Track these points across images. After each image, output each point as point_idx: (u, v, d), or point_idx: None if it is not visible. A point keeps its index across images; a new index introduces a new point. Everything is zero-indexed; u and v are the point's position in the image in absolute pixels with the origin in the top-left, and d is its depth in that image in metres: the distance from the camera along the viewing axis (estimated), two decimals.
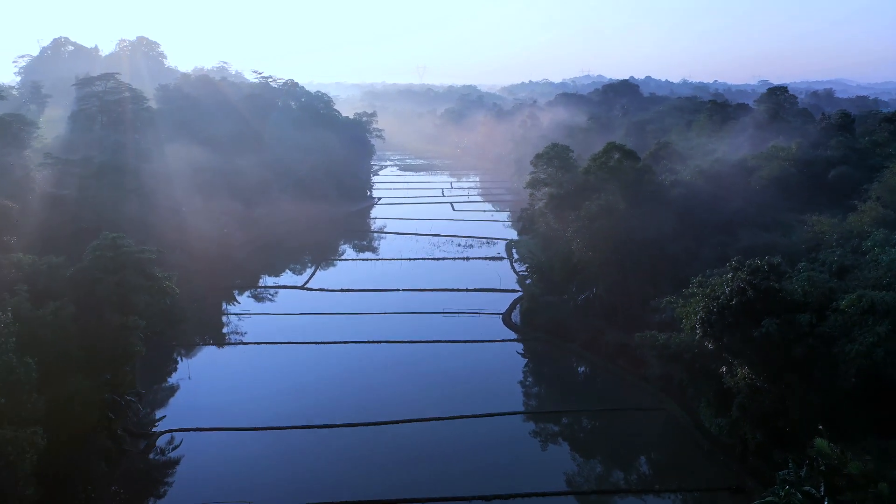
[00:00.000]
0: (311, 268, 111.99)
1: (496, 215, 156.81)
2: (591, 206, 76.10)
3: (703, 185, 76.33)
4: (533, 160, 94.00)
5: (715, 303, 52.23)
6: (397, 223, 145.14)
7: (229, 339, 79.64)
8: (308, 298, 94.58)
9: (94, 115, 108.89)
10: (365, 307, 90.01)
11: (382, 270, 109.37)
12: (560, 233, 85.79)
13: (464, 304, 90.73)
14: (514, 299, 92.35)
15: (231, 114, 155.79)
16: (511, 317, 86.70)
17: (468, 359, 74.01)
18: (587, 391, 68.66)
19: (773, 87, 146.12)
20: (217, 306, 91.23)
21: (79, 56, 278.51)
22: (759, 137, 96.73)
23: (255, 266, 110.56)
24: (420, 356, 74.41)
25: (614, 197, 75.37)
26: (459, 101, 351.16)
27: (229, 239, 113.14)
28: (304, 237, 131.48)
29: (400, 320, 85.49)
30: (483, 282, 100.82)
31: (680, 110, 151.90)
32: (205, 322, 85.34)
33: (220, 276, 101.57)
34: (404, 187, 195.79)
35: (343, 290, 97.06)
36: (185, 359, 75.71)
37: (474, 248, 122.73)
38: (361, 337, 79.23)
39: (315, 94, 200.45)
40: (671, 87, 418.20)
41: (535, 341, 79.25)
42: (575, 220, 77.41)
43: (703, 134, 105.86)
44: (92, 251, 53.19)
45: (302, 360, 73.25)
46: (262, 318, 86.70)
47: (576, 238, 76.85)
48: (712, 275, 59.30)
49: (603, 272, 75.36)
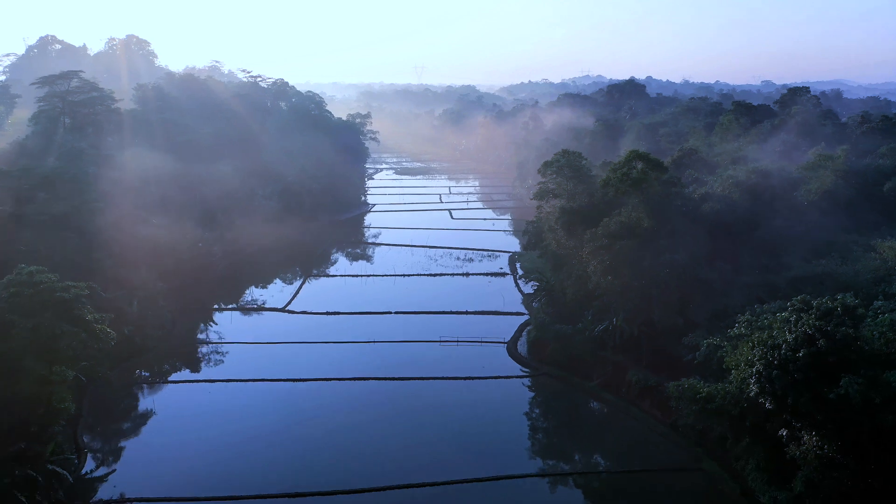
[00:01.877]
0: (297, 281, 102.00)
1: (497, 223, 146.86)
2: (610, 224, 66.18)
3: (739, 199, 66.37)
4: (540, 168, 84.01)
5: (775, 353, 42.30)
6: (392, 233, 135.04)
7: (196, 377, 69.38)
8: (289, 323, 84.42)
9: (56, 118, 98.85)
10: (352, 334, 79.95)
11: (374, 288, 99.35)
12: (573, 251, 75.87)
13: (464, 330, 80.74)
14: (521, 324, 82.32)
15: (215, 116, 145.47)
16: (517, 346, 76.68)
17: (469, 401, 63.98)
18: (608, 444, 58.47)
19: (793, 88, 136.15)
20: (187, 332, 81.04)
21: (66, 55, 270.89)
22: (792, 143, 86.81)
23: (233, 283, 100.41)
24: (413, 397, 64.41)
25: (637, 213, 65.40)
26: (458, 101, 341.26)
27: (206, 253, 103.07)
28: (289, 249, 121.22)
29: (392, 351, 75.44)
30: (485, 302, 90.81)
31: (694, 112, 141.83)
32: (171, 352, 75.21)
33: (193, 295, 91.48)
34: (400, 193, 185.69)
35: (328, 314, 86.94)
36: (147, 396, 65.62)
37: (474, 261, 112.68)
38: (347, 371, 69.22)
39: (306, 95, 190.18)
40: (675, 88, 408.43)
41: (545, 378, 69.23)
42: (591, 239, 67.44)
43: (728, 138, 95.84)
44: (4, 289, 43.06)
45: (277, 403, 63.08)
46: (236, 349, 76.50)
47: (592, 259, 66.90)
48: (763, 312, 49.37)
49: (624, 299, 65.38)
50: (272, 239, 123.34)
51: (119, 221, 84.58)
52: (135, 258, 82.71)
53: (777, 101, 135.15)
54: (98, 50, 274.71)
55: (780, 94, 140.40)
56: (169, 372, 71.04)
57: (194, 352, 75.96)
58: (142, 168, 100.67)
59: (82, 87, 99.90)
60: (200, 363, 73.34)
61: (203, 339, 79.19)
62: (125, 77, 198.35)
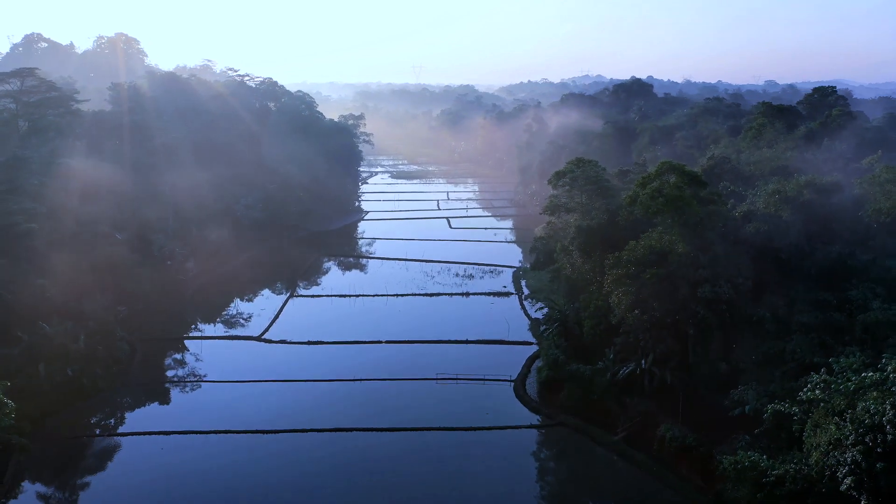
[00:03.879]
0: (278, 300, 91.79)
1: (499, 233, 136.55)
2: (637, 248, 55.97)
3: (790, 218, 56.11)
4: (551, 179, 73.87)
5: (877, 436, 32.05)
6: (385, 245, 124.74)
7: (148, 426, 58.74)
8: (265, 355, 74.06)
9: (9, 121, 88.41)
10: (336, 368, 69.70)
11: (364, 310, 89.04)
12: (590, 276, 65.70)
13: (464, 364, 70.57)
14: (529, 357, 72.07)
15: (196, 118, 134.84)
16: (525, 385, 66.40)
17: (468, 462, 53.51)
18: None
19: (819, 88, 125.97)
20: (147, 367, 70.60)
21: (52, 53, 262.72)
22: (836, 150, 76.54)
23: (206, 305, 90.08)
24: (402, 457, 54.07)
25: (670, 235, 55.20)
26: (456, 101, 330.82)
27: (177, 270, 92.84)
28: (272, 263, 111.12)
29: (380, 392, 65.23)
30: (487, 328, 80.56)
31: (711, 113, 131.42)
32: (124, 395, 64.80)
33: (159, 321, 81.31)
34: (395, 198, 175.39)
35: (310, 343, 76.60)
36: (88, 454, 55.21)
37: (475, 278, 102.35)
38: (325, 419, 59.07)
39: (297, 95, 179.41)
40: (678, 88, 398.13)
41: (560, 429, 58.89)
42: (614, 265, 57.23)
43: (760, 144, 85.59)
44: None
45: (239, 466, 52.61)
46: (201, 389, 66.21)
47: (615, 289, 56.67)
48: (843, 370, 39.15)
49: (655, 338, 55.15)
50: (254, 252, 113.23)
51: (69, 239, 74.41)
52: (87, 282, 72.54)
53: (802, 102, 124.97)
54: (86, 48, 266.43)
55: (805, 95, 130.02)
56: (119, 421, 60.59)
57: (152, 393, 65.51)
58: (103, 176, 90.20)
59: (39, 86, 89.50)
60: (158, 407, 63.06)
61: (163, 379, 68.68)
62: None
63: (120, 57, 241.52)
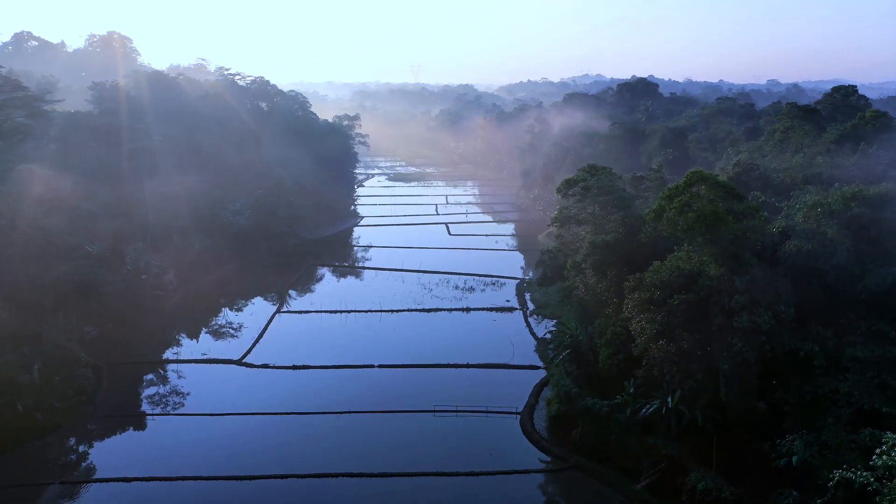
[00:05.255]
0: (263, 315, 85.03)
1: (500, 240, 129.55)
2: (662, 269, 49.18)
3: (835, 235, 49.28)
4: (561, 187, 67.07)
5: None
6: (381, 253, 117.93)
7: (108, 472, 51.94)
8: (245, 383, 67.16)
9: None
10: (322, 399, 62.92)
11: (356, 327, 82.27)
12: (606, 298, 58.88)
13: (464, 392, 64.06)
14: (536, 384, 65.38)
15: (182, 119, 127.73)
16: (533, 419, 59.63)
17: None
18: None
19: (838, 87, 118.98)
20: (114, 397, 63.75)
21: (43, 52, 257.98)
22: (876, 155, 69.68)
23: (183, 322, 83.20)
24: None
25: (701, 255, 48.39)
26: (456, 101, 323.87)
27: (154, 284, 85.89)
28: (260, 274, 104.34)
29: (372, 426, 58.47)
30: (490, 349, 73.89)
31: (725, 114, 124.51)
32: (83, 433, 57.92)
33: (129, 342, 74.58)
34: (392, 202, 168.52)
35: (295, 368, 69.79)
36: (39, 499, 48.52)
37: (476, 291, 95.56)
38: (310, 462, 52.42)
39: (290, 95, 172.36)
40: (681, 87, 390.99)
41: (572, 472, 52.12)
42: (635, 288, 50.41)
43: (786, 149, 78.74)
44: None
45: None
46: (172, 424, 59.38)
47: (637, 315, 49.85)
48: None
49: (683, 372, 48.31)
50: (240, 262, 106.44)
51: (35, 253, 67.28)
52: (49, 302, 65.68)
53: (821, 103, 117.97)
54: (77, 47, 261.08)
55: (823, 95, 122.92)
56: (75, 464, 53.71)
57: (117, 429, 58.59)
58: (75, 183, 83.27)
59: (3, 85, 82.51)
60: (122, 445, 56.21)
61: (131, 411, 61.73)
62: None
63: (119, 55, 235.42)
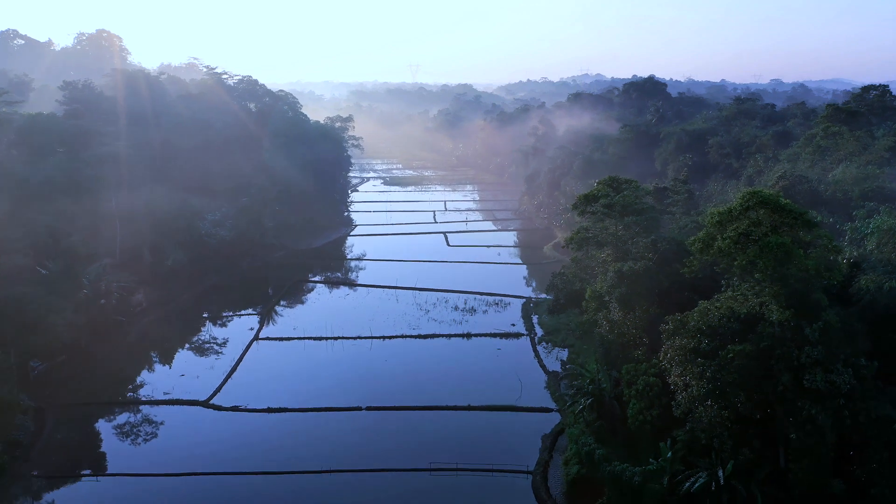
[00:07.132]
0: (240, 340, 75.83)
1: (503, 252, 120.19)
2: (711, 312, 39.95)
3: None
4: (577, 202, 58.03)
5: None
6: (374, 267, 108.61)
7: None
8: (210, 428, 57.94)
9: None
10: (300, 453, 53.78)
11: (343, 356, 73.12)
12: (635, 338, 49.66)
13: (466, 441, 55.65)
14: (549, 433, 56.15)
15: (161, 121, 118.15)
16: (547, 480, 50.40)
17: None
18: None
19: (869, 86, 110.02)
20: (56, 450, 54.47)
21: (29, 50, 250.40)
22: None
23: (148, 351, 73.85)
24: None
25: (761, 297, 39.17)
26: (454, 101, 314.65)
27: (115, 309, 76.49)
28: (238, 293, 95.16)
29: (357, 489, 49.26)
30: (495, 386, 64.89)
31: (747, 116, 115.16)
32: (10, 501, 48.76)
33: (83, 375, 65.36)
34: (387, 209, 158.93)
35: (270, 411, 60.49)
36: None
37: (477, 312, 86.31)
38: None
39: (279, 95, 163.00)
40: (686, 87, 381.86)
41: None
42: (675, 331, 41.21)
43: (829, 156, 69.58)
44: None
45: None
46: (118, 487, 50.08)
47: (679, 368, 40.66)
48: None
49: (737, 438, 39.12)
50: (218, 279, 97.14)
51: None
52: None
53: (849, 104, 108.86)
54: (65, 46, 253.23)
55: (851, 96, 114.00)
56: None
57: (52, 490, 49.32)
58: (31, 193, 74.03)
59: None
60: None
61: (72, 468, 52.38)
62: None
63: (107, 54, 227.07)
